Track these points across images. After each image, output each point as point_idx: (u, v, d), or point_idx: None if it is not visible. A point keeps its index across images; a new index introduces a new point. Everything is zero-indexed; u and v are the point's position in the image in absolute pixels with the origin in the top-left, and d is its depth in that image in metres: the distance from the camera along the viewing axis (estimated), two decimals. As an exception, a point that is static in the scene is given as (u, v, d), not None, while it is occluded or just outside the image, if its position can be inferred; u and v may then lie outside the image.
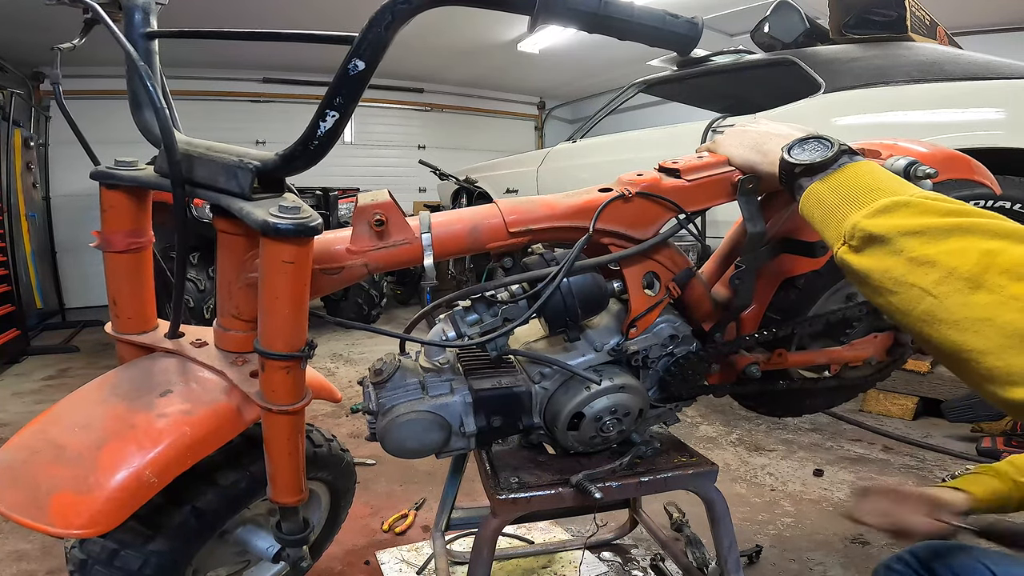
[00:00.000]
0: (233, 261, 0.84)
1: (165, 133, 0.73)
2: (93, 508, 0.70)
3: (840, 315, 1.06)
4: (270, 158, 0.74)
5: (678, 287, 0.97)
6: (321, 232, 0.74)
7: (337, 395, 1.08)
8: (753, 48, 3.17)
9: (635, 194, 0.91)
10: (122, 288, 0.89)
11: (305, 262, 0.73)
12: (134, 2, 0.82)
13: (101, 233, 0.86)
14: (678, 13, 0.70)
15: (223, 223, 0.82)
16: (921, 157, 0.90)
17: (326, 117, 0.67)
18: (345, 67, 0.64)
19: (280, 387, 0.78)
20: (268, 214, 0.69)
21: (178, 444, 0.76)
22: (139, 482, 0.73)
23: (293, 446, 0.82)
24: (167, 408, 0.79)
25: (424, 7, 0.63)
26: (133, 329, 0.92)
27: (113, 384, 0.86)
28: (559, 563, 1.50)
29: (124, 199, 0.85)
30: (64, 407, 0.82)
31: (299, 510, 0.89)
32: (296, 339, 0.76)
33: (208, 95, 5.93)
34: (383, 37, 0.63)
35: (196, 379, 0.85)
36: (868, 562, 1.48)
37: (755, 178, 0.88)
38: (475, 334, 0.92)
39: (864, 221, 0.57)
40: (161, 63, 0.89)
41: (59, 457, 0.74)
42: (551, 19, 0.66)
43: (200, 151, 0.78)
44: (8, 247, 3.84)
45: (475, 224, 0.89)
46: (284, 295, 0.73)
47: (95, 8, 0.76)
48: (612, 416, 0.93)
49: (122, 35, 0.74)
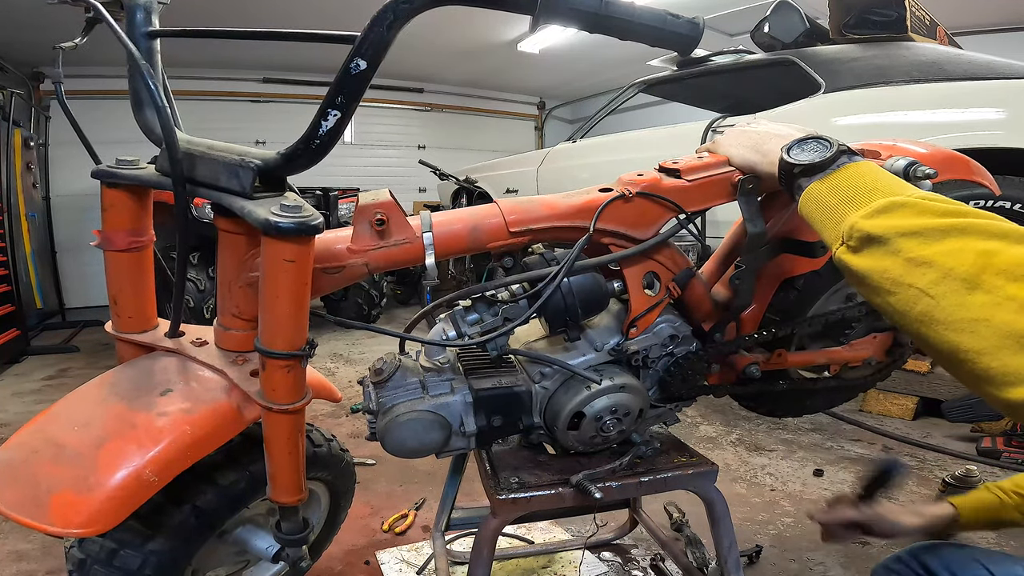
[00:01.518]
0: (234, 260, 0.84)
1: (166, 132, 0.73)
2: (92, 507, 0.70)
3: (839, 315, 1.06)
4: (272, 157, 0.74)
5: (678, 287, 0.97)
6: (322, 231, 0.74)
7: (337, 395, 1.08)
8: (753, 48, 3.17)
9: (635, 194, 0.92)
10: (123, 287, 0.89)
11: (306, 261, 0.73)
12: (136, 1, 0.83)
13: (102, 232, 0.86)
14: (679, 13, 0.70)
15: (224, 222, 0.82)
16: (920, 158, 0.90)
17: (328, 116, 0.67)
18: (347, 66, 0.64)
19: (280, 386, 0.77)
20: (270, 213, 0.69)
21: (178, 443, 0.76)
22: (139, 481, 0.73)
23: (293, 445, 0.82)
24: (167, 407, 0.79)
25: (426, 6, 0.63)
26: (133, 328, 0.92)
27: (113, 383, 0.86)
28: (559, 563, 1.50)
29: (125, 198, 0.85)
30: (64, 406, 0.82)
31: (299, 510, 0.89)
32: (297, 338, 0.76)
33: (208, 95, 5.93)
34: (385, 36, 0.63)
35: (196, 378, 0.85)
36: (868, 562, 1.48)
37: (755, 178, 0.88)
38: (475, 334, 0.92)
39: (862, 221, 0.57)
40: (162, 63, 0.89)
41: (59, 456, 0.74)
42: (553, 19, 0.66)
43: (201, 150, 0.78)
44: (8, 247, 3.84)
45: (476, 224, 0.89)
46: (285, 294, 0.73)
47: (97, 7, 0.76)
48: (612, 416, 0.93)
49: (124, 34, 0.75)
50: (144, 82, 0.73)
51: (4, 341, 3.52)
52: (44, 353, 3.90)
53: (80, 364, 3.67)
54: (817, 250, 0.99)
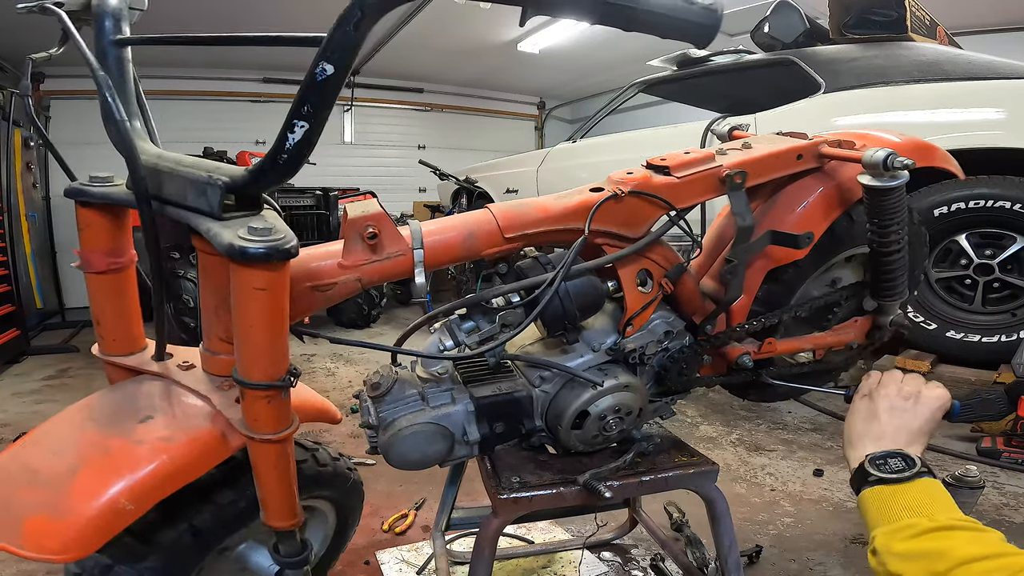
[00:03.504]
0: (215, 282, 0.79)
1: (126, 147, 0.69)
2: (67, 534, 0.68)
3: (823, 301, 1.11)
4: (240, 174, 0.69)
5: (671, 283, 0.97)
6: (297, 255, 0.68)
7: (337, 416, 1.05)
8: (753, 48, 3.17)
9: (627, 193, 0.92)
10: (105, 309, 0.85)
11: (280, 288, 0.68)
12: (104, 9, 0.78)
13: (81, 253, 0.82)
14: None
15: (201, 242, 0.76)
16: (895, 147, 0.93)
17: (294, 128, 0.61)
18: (312, 72, 0.58)
19: (262, 416, 0.73)
20: (236, 236, 0.63)
21: (156, 472, 0.74)
22: (114, 510, 0.71)
23: (281, 473, 0.78)
24: (146, 435, 0.77)
25: (398, 2, 0.56)
26: (119, 351, 0.88)
27: (93, 409, 0.83)
28: (559, 563, 1.50)
29: (100, 217, 0.81)
30: (44, 431, 0.80)
31: (295, 533, 0.85)
32: (275, 368, 0.71)
33: (208, 95, 5.92)
34: (352, 37, 0.57)
35: (180, 404, 0.82)
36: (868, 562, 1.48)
37: (743, 173, 0.89)
38: (473, 342, 0.91)
39: (896, 544, 0.63)
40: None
41: (32, 481, 0.73)
42: (544, 9, 0.59)
43: (169, 165, 0.72)
44: (8, 247, 3.84)
45: (470, 231, 0.88)
46: (258, 323, 0.68)
47: (60, 15, 0.73)
48: (615, 415, 0.93)
49: (84, 45, 0.71)
50: (101, 94, 0.68)
51: (4, 341, 3.53)
52: (44, 353, 3.90)
53: (80, 364, 3.67)
54: (802, 241, 1.01)
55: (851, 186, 1.05)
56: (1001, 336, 2.28)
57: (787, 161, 1.04)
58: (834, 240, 1.09)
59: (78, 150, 0.84)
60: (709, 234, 1.19)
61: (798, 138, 1.10)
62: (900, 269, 1.04)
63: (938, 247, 2.37)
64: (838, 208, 1.07)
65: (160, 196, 0.73)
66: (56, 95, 5.26)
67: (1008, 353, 2.23)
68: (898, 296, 1.09)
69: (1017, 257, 2.25)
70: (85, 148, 3.23)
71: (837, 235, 1.09)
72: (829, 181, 1.07)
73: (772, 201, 1.09)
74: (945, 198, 2.25)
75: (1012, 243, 2.24)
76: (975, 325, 2.35)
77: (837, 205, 1.07)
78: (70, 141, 4.80)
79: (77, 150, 0.85)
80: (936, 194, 2.26)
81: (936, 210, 2.27)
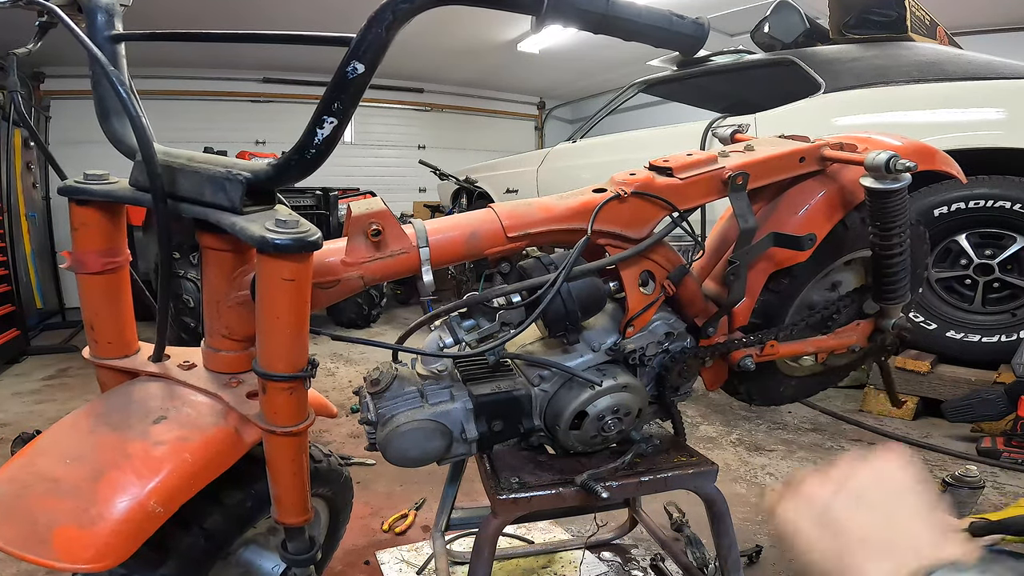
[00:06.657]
0: (222, 279, 0.80)
1: (143, 144, 0.68)
2: (99, 541, 0.68)
3: (822, 313, 1.11)
4: (261, 168, 0.69)
5: (673, 285, 0.97)
6: (321, 247, 0.70)
7: (333, 410, 1.06)
8: (753, 48, 3.17)
9: (630, 194, 0.92)
10: (99, 311, 0.83)
11: (305, 279, 0.69)
12: (96, 4, 0.76)
13: (73, 253, 0.79)
14: (683, 14, 0.70)
15: (208, 239, 0.77)
16: (896, 150, 0.94)
17: (324, 124, 0.63)
18: (343, 70, 0.61)
19: (283, 409, 0.74)
20: (265, 229, 0.65)
21: (180, 472, 0.74)
22: (144, 512, 0.70)
23: (298, 466, 0.79)
24: (164, 435, 0.76)
25: (426, 6, 0.60)
26: (113, 354, 0.86)
27: (100, 413, 0.82)
28: (559, 563, 1.50)
29: (97, 216, 0.79)
30: (50, 439, 0.78)
31: (305, 530, 0.86)
32: (298, 359, 0.72)
33: (208, 95, 5.91)
34: (383, 38, 0.60)
35: (189, 403, 0.82)
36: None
37: (745, 175, 0.89)
38: (473, 340, 0.91)
39: None
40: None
41: (54, 490, 0.71)
42: (559, 20, 0.64)
43: (181, 162, 0.73)
44: (8, 247, 3.84)
45: (473, 231, 0.88)
46: (285, 314, 0.69)
47: (55, 10, 0.71)
48: (614, 415, 0.93)
49: (88, 40, 0.69)
50: (114, 89, 0.67)
51: (4, 341, 3.52)
52: (44, 353, 3.90)
53: (80, 364, 3.66)
54: (805, 243, 1.00)
55: (853, 189, 1.06)
56: (1001, 336, 2.28)
57: (789, 164, 1.04)
58: (834, 244, 1.10)
59: (78, 147, 0.83)
60: (711, 236, 1.19)
61: (800, 141, 1.10)
62: (902, 272, 1.05)
63: (938, 247, 2.37)
64: (840, 210, 1.07)
65: (174, 193, 0.73)
66: (56, 95, 5.27)
67: (1008, 353, 2.23)
68: (900, 299, 1.09)
69: (1017, 257, 2.25)
70: (87, 148, 3.23)
71: (836, 239, 1.10)
72: (831, 184, 1.07)
73: (774, 203, 1.09)
74: (945, 198, 2.25)
75: (1012, 243, 2.24)
76: (975, 325, 2.35)
77: (839, 207, 1.07)
78: (70, 140, 4.80)
79: (77, 148, 0.84)
80: (936, 194, 2.26)
81: (936, 210, 2.27)
